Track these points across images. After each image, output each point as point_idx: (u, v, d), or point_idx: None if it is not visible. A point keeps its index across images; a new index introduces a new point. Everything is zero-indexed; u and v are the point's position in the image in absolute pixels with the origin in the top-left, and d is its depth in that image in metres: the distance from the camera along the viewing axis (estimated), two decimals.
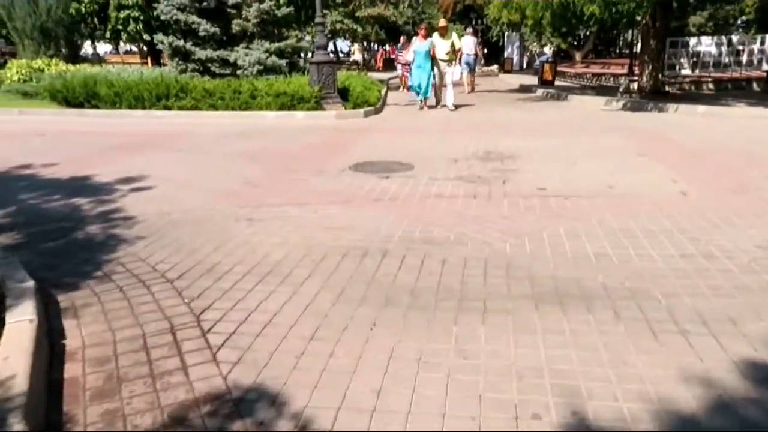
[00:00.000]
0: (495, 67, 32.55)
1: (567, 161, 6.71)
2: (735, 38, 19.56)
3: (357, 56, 29.36)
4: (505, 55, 32.72)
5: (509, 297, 3.08)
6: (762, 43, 18.28)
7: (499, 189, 5.45)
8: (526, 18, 18.47)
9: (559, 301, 3.01)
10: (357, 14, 16.97)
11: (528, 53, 38.42)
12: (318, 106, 11.20)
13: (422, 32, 12.05)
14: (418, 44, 11.85)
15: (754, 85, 16.34)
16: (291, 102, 11.14)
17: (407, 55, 12.50)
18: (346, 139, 8.80)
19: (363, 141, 8.48)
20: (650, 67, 14.06)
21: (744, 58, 18.15)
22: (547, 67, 18.84)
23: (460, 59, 14.70)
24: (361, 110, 11.34)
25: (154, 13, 14.93)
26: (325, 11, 18.09)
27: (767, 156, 6.81)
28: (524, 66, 34.07)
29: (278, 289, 3.23)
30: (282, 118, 10.91)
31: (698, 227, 4.20)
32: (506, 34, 32.92)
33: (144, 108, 11.54)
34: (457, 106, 12.46)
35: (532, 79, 20.83)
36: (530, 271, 3.44)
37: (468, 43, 16.80)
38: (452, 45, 12.20)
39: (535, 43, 38.52)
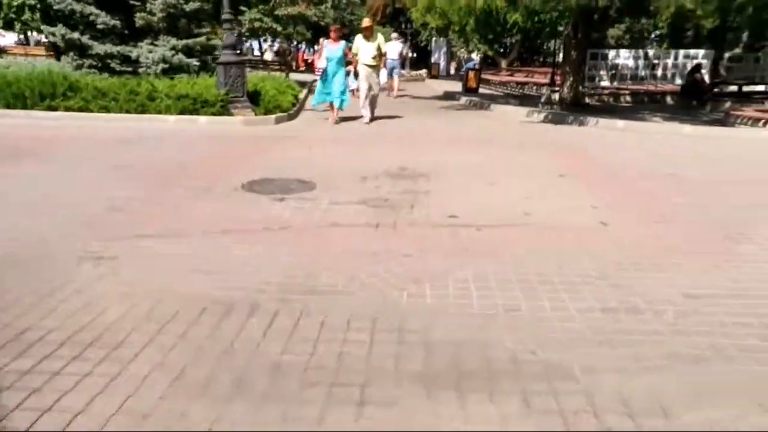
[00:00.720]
0: (423, 72, 32.37)
1: (484, 181, 6.20)
2: (651, 52, 20.12)
3: (268, 56, 28.26)
4: (432, 60, 32.52)
5: (396, 378, 2.44)
6: (675, 58, 18.87)
7: (406, 216, 4.84)
8: (453, 24, 18.20)
9: (457, 385, 2.39)
10: (277, 12, 16.04)
11: (456, 59, 38.54)
12: (224, 110, 10.28)
13: (333, 34, 10.58)
14: (330, 48, 10.47)
15: (668, 98, 16.69)
16: (194, 106, 10.15)
17: (318, 62, 10.97)
18: (249, 149, 7.99)
19: (267, 152, 7.70)
20: (571, 79, 13.99)
21: (659, 72, 18.65)
22: (471, 74, 18.60)
23: (384, 64, 14.09)
24: (272, 116, 10.50)
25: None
26: (243, 8, 17.12)
27: (688, 179, 6.55)
28: (452, 72, 34.04)
29: (96, 369, 2.45)
30: (183, 123, 9.92)
31: (621, 269, 3.72)
32: (434, 39, 32.77)
33: (25, 107, 10.24)
34: (374, 118, 11.28)
35: (457, 86, 20.56)
36: (427, 334, 2.81)
37: (393, 48, 16.28)
38: (379, 48, 10.78)
39: (462, 49, 38.73)
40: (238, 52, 11.84)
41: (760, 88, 18.48)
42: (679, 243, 4.27)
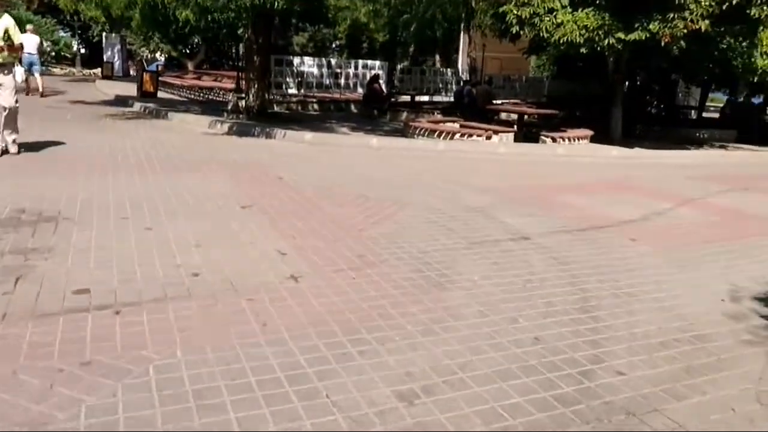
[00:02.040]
0: (98, 71, 28.26)
1: (140, 223, 4.69)
2: (333, 61, 20.63)
3: None
4: (105, 58, 28.54)
5: None
6: (356, 68, 19.64)
7: None
8: (122, 18, 15.76)
9: None
10: None
11: (138, 58, 34.79)
12: None
13: None
14: None
15: (352, 107, 17.12)
16: None
17: None
18: None
19: None
20: (257, 85, 13.10)
21: (342, 81, 19.18)
22: (147, 77, 16.41)
23: (20, 60, 11.01)
24: None
25: None
26: None
27: (380, 201, 6.04)
28: (132, 73, 30.45)
29: None
30: None
31: (315, 362, 2.70)
32: (104, 35, 28.92)
33: None
34: (21, 146, 7.53)
35: (134, 89, 18.05)
36: None
37: (30, 41, 13.30)
38: (7, 34, 7.04)
39: (143, 48, 35.22)
40: None
41: (426, 98, 20.45)
42: (381, 301, 3.48)
